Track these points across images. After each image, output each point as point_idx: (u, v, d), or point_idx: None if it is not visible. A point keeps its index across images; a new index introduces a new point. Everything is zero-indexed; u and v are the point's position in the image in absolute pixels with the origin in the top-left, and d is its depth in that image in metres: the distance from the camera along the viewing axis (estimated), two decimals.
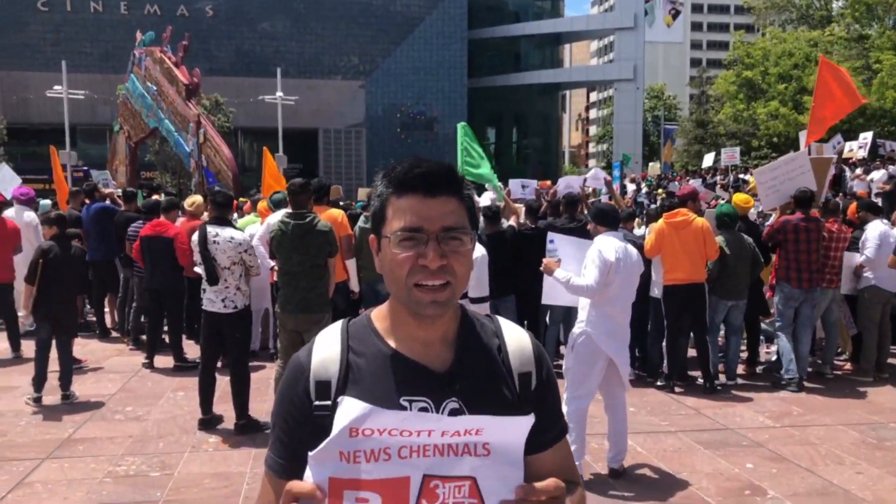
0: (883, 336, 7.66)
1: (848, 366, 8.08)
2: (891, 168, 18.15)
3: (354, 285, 7.74)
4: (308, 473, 1.17)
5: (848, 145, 21.07)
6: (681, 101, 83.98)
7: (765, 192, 7.98)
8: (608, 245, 4.82)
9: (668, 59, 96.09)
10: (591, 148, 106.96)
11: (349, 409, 1.19)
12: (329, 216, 6.44)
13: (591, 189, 9.75)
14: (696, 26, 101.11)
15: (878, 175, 17.59)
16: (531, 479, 1.21)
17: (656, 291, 7.25)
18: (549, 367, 1.43)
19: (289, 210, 5.80)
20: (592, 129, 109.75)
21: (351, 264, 7.19)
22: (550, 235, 5.96)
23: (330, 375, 1.33)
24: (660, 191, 23.56)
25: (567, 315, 7.17)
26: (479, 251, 4.94)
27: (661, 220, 7.07)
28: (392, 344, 1.36)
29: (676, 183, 25.33)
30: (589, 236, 7.64)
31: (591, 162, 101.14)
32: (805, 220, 7.23)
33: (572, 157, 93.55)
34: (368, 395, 1.26)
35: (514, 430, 1.20)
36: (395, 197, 1.32)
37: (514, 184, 10.53)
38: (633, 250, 5.06)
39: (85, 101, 37.61)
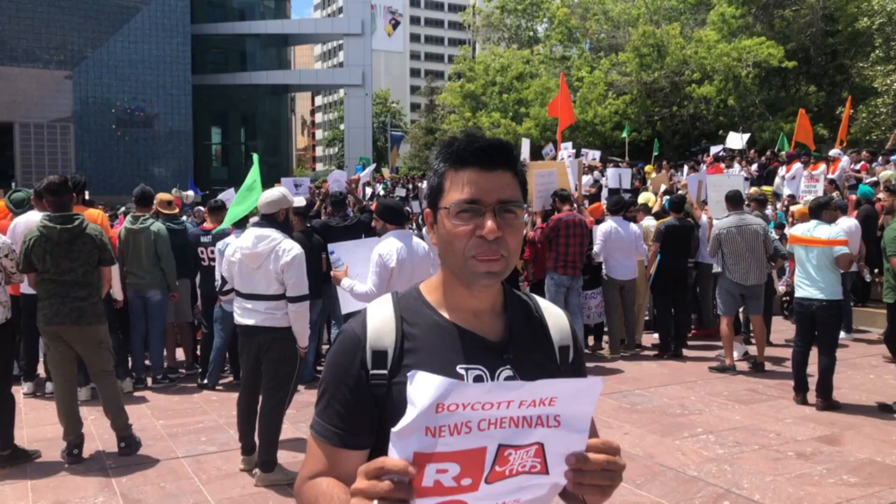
0: (627, 318, 8.79)
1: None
2: (595, 173, 20.81)
3: (118, 293, 7.10)
4: (392, 450, 1.16)
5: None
6: (404, 108, 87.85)
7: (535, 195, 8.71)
8: (389, 248, 4.86)
9: (389, 68, 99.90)
10: (319, 151, 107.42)
11: (429, 385, 1.18)
12: (89, 216, 5.86)
13: (357, 187, 9.83)
14: (415, 38, 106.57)
15: (585, 179, 20.07)
16: None
17: None
18: (580, 344, 1.54)
19: (48, 212, 5.22)
20: (318, 133, 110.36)
21: (114, 271, 6.57)
22: (330, 247, 5.94)
23: (386, 345, 1.35)
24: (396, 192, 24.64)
25: None
26: (298, 248, 4.79)
27: None
28: (445, 315, 1.39)
29: (414, 185, 26.75)
30: (363, 232, 7.82)
31: (319, 166, 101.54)
32: (572, 215, 8.10)
33: (299, 160, 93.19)
34: (426, 363, 1.30)
35: (585, 396, 1.24)
36: (453, 171, 1.36)
37: (287, 182, 10.32)
38: (421, 244, 5.26)
39: None
